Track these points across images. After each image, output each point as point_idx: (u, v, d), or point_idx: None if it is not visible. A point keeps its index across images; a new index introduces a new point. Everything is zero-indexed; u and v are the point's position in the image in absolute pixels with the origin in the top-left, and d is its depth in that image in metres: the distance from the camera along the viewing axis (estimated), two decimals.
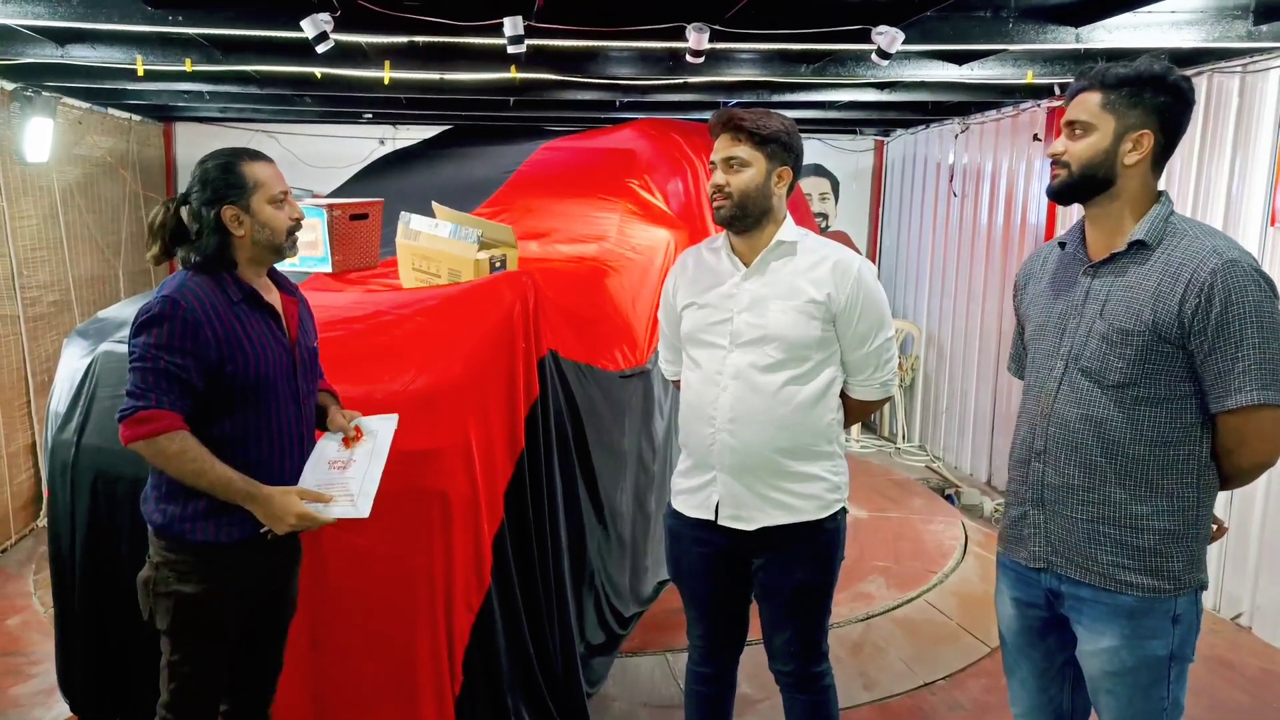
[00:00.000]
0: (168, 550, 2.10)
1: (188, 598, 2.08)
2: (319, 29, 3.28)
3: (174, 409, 1.97)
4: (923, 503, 5.70)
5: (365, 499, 2.11)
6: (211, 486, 2.00)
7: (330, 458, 2.21)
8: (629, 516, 3.69)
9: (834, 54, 4.26)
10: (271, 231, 2.11)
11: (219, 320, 2.03)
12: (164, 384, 1.96)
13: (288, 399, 2.16)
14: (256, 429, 2.10)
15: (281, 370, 2.14)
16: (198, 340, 1.99)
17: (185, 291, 2.02)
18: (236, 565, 2.12)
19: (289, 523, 2.04)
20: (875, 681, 3.52)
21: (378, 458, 2.20)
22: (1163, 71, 1.85)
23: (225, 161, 2.10)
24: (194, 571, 2.08)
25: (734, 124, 2.19)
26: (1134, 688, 1.91)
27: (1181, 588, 1.87)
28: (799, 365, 2.21)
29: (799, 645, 2.35)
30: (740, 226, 2.24)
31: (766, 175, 2.20)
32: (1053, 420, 1.96)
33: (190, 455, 1.98)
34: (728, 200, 2.20)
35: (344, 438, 2.25)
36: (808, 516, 2.27)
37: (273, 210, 2.11)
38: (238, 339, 2.05)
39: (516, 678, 2.98)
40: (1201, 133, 4.25)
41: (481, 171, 4.67)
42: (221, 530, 2.08)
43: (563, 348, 3.12)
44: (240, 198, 2.07)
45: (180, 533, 2.07)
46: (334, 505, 2.10)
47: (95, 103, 5.99)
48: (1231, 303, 1.76)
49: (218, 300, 2.05)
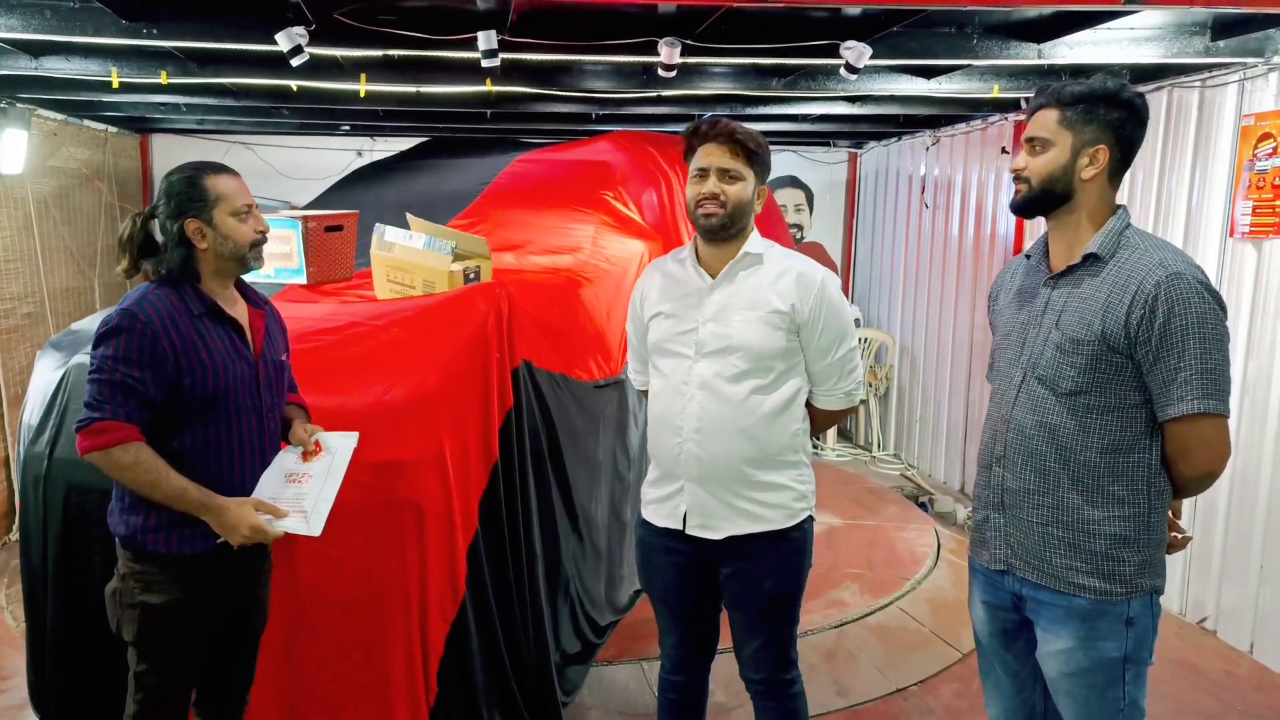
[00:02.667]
0: (133, 561, 2.11)
1: (153, 609, 2.10)
2: (294, 42, 3.31)
3: (129, 420, 1.99)
4: (897, 510, 5.76)
5: (318, 517, 2.12)
6: (166, 498, 2.02)
7: (288, 470, 2.21)
8: (604, 526, 3.72)
9: (805, 68, 4.33)
10: (235, 244, 2.12)
11: (178, 333, 2.04)
12: (120, 396, 1.98)
13: (249, 412, 2.16)
14: (216, 442, 2.11)
15: (243, 383, 2.15)
16: (155, 353, 2.00)
17: (144, 304, 2.03)
18: (201, 576, 2.13)
19: (242, 534, 2.05)
20: (848, 688, 3.56)
21: (334, 476, 2.20)
22: (1116, 89, 1.91)
23: (189, 175, 2.12)
24: (158, 582, 2.10)
25: (733, 136, 2.19)
26: (1090, 689, 1.95)
27: (1134, 591, 1.92)
28: (764, 375, 2.24)
29: (768, 654, 2.37)
30: (724, 236, 2.26)
31: (754, 191, 2.25)
32: (1012, 426, 2.01)
33: (144, 467, 1.99)
34: (722, 209, 2.20)
35: (304, 452, 2.25)
36: (774, 526, 2.28)
37: (236, 223, 2.12)
38: (197, 352, 2.06)
39: (491, 688, 2.99)
40: (1162, 146, 4.34)
41: (457, 183, 4.69)
42: (185, 542, 2.09)
43: (537, 358, 3.15)
44: (203, 211, 2.09)
45: (143, 544, 2.09)
46: (287, 520, 2.10)
47: (71, 114, 5.97)
48: (1175, 314, 1.81)
49: (178, 313, 2.07)
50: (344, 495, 2.65)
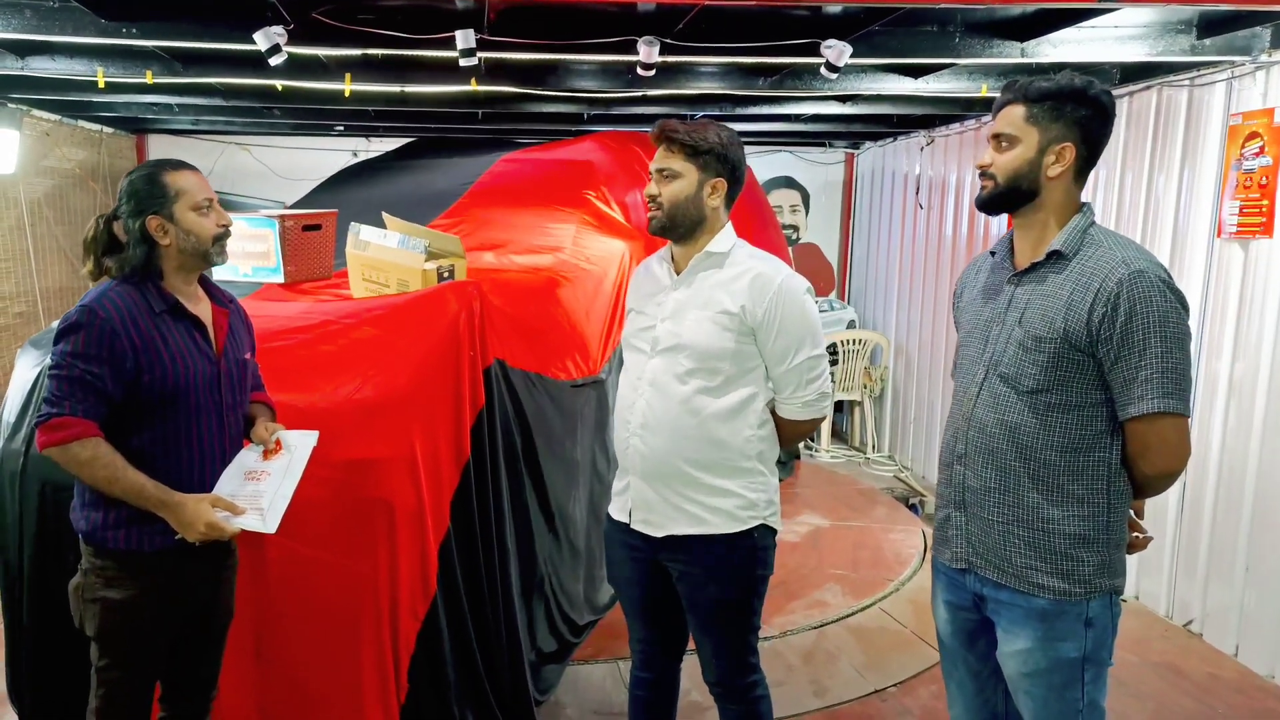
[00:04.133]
0: (94, 557, 2.12)
1: (114, 604, 2.10)
2: (272, 41, 3.31)
3: (88, 416, 2.00)
4: (885, 511, 5.73)
5: (274, 514, 2.13)
6: (124, 493, 2.03)
7: (248, 468, 2.21)
8: (583, 525, 3.71)
9: (789, 67, 4.32)
10: (196, 239, 2.13)
11: (137, 330, 2.05)
12: (79, 392, 1.99)
13: (209, 410, 2.17)
14: (176, 439, 2.11)
15: (203, 381, 2.15)
16: (114, 349, 2.01)
17: (104, 301, 2.04)
18: (162, 572, 2.13)
19: (199, 530, 2.05)
20: (826, 689, 3.54)
21: (291, 475, 2.20)
22: (1083, 85, 1.90)
23: (148, 173, 2.13)
24: (119, 578, 2.10)
25: (666, 135, 2.22)
26: (1048, 689, 1.94)
27: (1093, 591, 1.91)
28: (711, 377, 2.22)
29: (721, 658, 2.35)
30: (672, 236, 2.28)
31: (698, 186, 2.22)
32: (973, 425, 2.00)
33: (102, 462, 2.00)
34: (659, 210, 2.24)
35: (264, 450, 2.25)
36: (715, 529, 2.24)
37: (196, 217, 2.12)
38: (156, 349, 2.07)
39: (463, 686, 2.98)
40: (1150, 146, 4.31)
41: (441, 183, 4.69)
42: (144, 538, 2.09)
43: (511, 357, 3.15)
44: (164, 207, 2.09)
45: (104, 540, 2.10)
46: (244, 517, 2.11)
47: (65, 115, 6.00)
48: (1136, 313, 1.80)
49: (139, 310, 2.07)
50: (314, 493, 2.66)
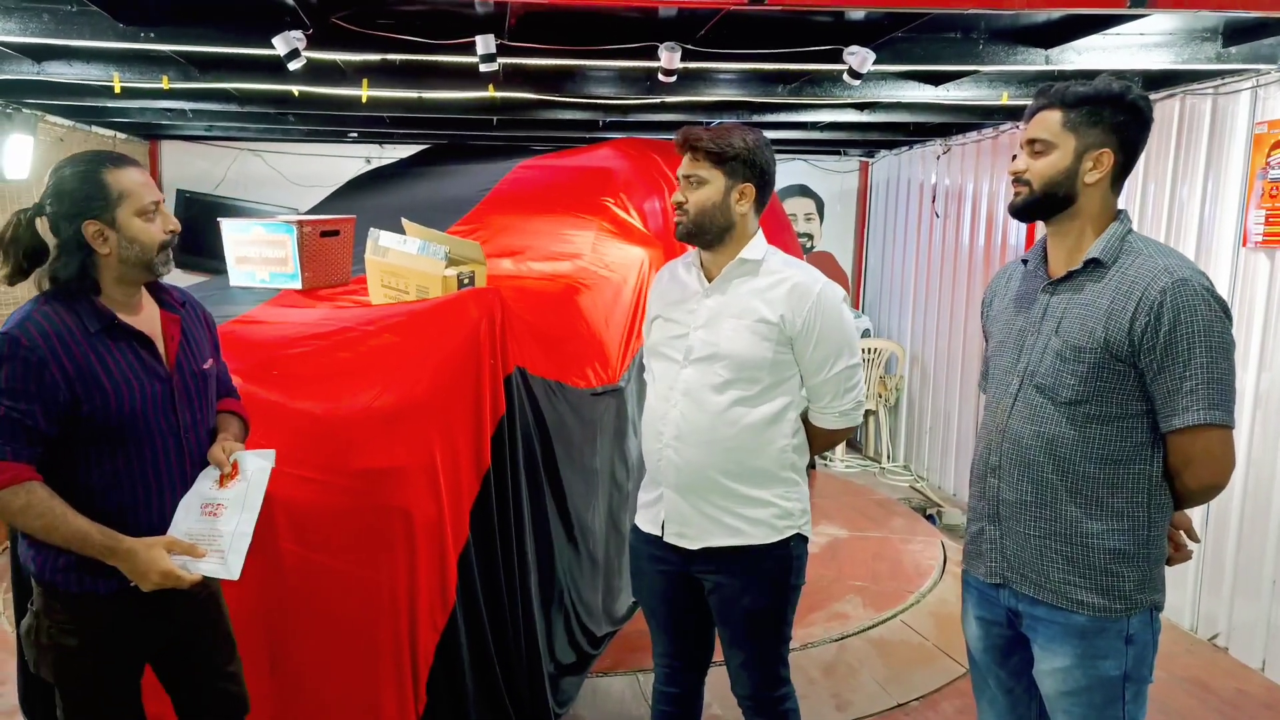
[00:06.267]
0: (45, 598, 1.91)
1: (69, 651, 1.89)
2: (291, 46, 3.30)
3: (18, 459, 1.76)
4: (903, 522, 5.68)
5: (236, 556, 1.88)
6: (66, 542, 1.79)
7: (205, 499, 1.95)
8: (601, 535, 3.67)
9: (809, 74, 4.30)
10: (141, 247, 1.87)
11: (69, 357, 1.79)
12: (5, 431, 1.75)
13: (164, 434, 1.92)
14: (129, 471, 1.87)
15: (154, 404, 1.90)
16: (42, 382, 1.76)
17: (29, 326, 1.78)
18: (120, 617, 1.91)
19: (153, 580, 1.82)
20: (848, 702, 3.49)
21: (250, 507, 1.94)
22: (1121, 90, 1.87)
23: (84, 169, 1.85)
24: (72, 624, 1.89)
25: (691, 142, 2.19)
26: (1088, 708, 1.89)
27: (1134, 607, 1.86)
28: (748, 386, 2.18)
29: (753, 671, 2.31)
30: (700, 243, 2.24)
31: (725, 192, 2.18)
32: (1007, 436, 1.96)
33: (36, 510, 1.76)
34: (685, 217, 2.21)
35: (221, 475, 1.98)
36: (753, 541, 2.21)
37: (142, 224, 1.86)
38: (94, 375, 1.81)
39: (482, 698, 2.94)
40: (1175, 154, 4.27)
41: (458, 189, 4.66)
42: (99, 581, 1.86)
43: (531, 365, 3.11)
44: (104, 211, 1.82)
45: (54, 582, 1.88)
46: (202, 563, 1.86)
47: (79, 120, 6.00)
48: (1180, 322, 1.76)
49: (69, 333, 1.81)
50: (332, 502, 2.64)
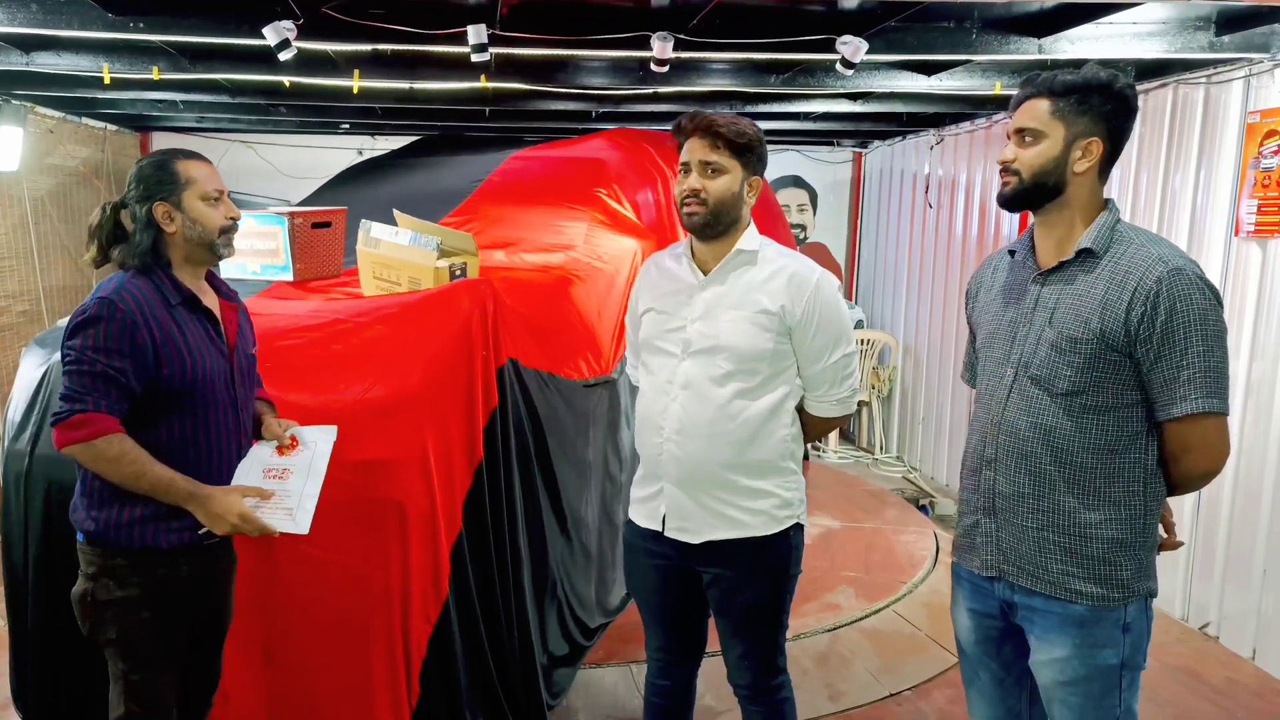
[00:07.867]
0: (103, 558, 2.05)
1: (132, 603, 2.04)
2: (281, 36, 3.28)
3: (111, 412, 1.94)
4: (896, 513, 5.69)
5: (304, 514, 2.07)
6: (152, 488, 1.97)
7: (265, 465, 2.15)
8: (595, 527, 3.67)
9: (802, 64, 4.28)
10: (203, 228, 2.08)
11: (156, 323, 2.00)
12: (101, 387, 1.93)
13: (225, 405, 2.13)
14: (195, 435, 2.07)
15: (220, 376, 2.11)
16: (135, 343, 1.96)
17: (123, 293, 1.99)
18: (175, 570, 2.08)
19: (230, 522, 2.01)
20: (840, 692, 3.50)
21: (315, 473, 2.14)
22: (1109, 79, 1.86)
23: (158, 159, 2.10)
24: (134, 576, 2.04)
25: (712, 129, 2.12)
26: (1086, 697, 1.90)
27: (1131, 596, 1.87)
28: (749, 378, 2.17)
29: (752, 661, 2.31)
30: (710, 234, 2.18)
31: (741, 183, 2.16)
32: (1003, 428, 1.95)
33: (130, 458, 1.95)
34: (703, 207, 2.13)
35: (278, 445, 2.20)
36: (755, 532, 2.21)
37: (205, 207, 2.08)
38: (175, 342, 2.02)
39: (475, 689, 2.94)
40: (1167, 144, 4.27)
41: (450, 180, 4.65)
42: (160, 535, 2.04)
43: (524, 356, 3.10)
44: (172, 193, 2.05)
45: (116, 538, 2.03)
46: (274, 518, 2.05)
47: (69, 112, 5.96)
48: (1177, 311, 1.76)
49: (155, 302, 2.02)
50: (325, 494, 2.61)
